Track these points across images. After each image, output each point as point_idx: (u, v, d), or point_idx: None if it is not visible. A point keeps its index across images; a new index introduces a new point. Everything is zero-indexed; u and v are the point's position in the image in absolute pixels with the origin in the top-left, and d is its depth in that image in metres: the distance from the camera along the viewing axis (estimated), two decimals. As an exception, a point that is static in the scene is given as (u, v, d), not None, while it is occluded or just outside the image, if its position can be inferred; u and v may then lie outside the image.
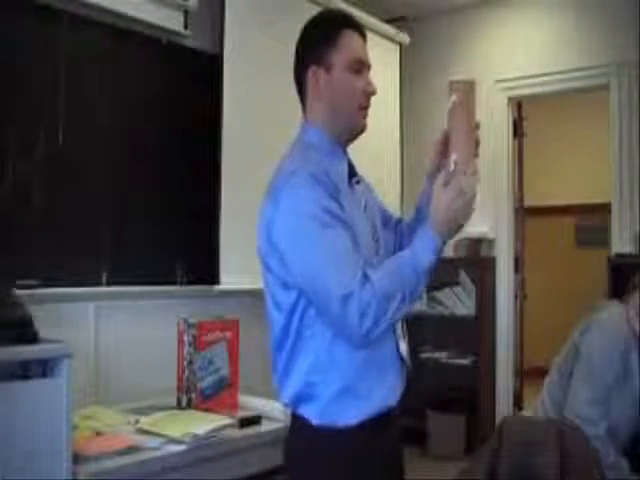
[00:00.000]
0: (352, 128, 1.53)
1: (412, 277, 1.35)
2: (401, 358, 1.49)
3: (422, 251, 1.37)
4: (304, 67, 1.52)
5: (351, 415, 1.40)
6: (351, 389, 1.40)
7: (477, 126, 1.43)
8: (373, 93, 1.52)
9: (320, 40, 1.51)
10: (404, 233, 1.66)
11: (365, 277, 1.32)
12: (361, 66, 1.52)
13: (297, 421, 1.47)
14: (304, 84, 1.54)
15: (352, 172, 1.56)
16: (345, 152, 1.57)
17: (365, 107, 1.52)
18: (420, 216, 1.62)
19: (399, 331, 1.50)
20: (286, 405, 1.48)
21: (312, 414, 1.42)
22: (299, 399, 1.43)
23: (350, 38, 1.52)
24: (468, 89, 1.42)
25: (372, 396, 1.42)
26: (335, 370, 1.40)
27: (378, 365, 1.43)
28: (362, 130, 1.55)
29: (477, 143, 1.43)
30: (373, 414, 1.42)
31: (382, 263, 1.43)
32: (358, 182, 1.56)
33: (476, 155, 1.42)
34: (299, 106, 1.59)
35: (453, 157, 1.38)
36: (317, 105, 1.52)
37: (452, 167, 1.37)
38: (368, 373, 1.42)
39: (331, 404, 1.40)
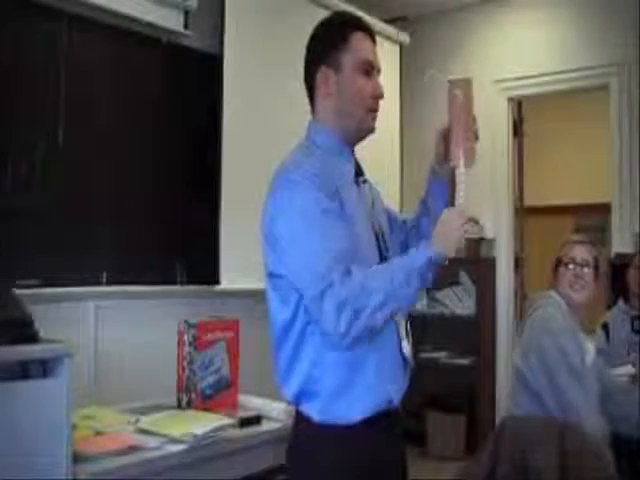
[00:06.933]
0: (360, 129, 1.54)
1: (399, 276, 1.32)
2: (404, 358, 1.50)
3: (415, 253, 1.37)
4: (314, 67, 1.53)
5: (352, 412, 1.41)
6: (352, 387, 1.41)
7: (474, 120, 1.52)
8: (380, 96, 1.52)
9: (331, 41, 1.52)
10: (410, 232, 1.68)
11: (347, 272, 1.31)
12: (371, 68, 1.52)
13: (300, 418, 1.47)
14: (314, 84, 1.54)
15: (359, 171, 1.57)
16: (352, 152, 1.57)
17: (374, 109, 1.53)
18: (423, 208, 1.65)
19: (402, 331, 1.50)
20: (289, 403, 1.49)
21: (314, 411, 1.43)
22: (301, 396, 1.44)
23: (362, 40, 1.52)
24: (466, 87, 1.52)
25: (374, 394, 1.43)
26: (336, 367, 1.40)
27: (380, 364, 1.43)
28: (370, 131, 1.55)
29: (476, 136, 1.53)
30: (375, 412, 1.42)
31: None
32: (364, 182, 1.57)
33: (476, 138, 1.53)
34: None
35: (457, 152, 1.50)
36: (325, 105, 1.53)
37: (460, 161, 1.48)
38: (369, 371, 1.42)
39: (333, 401, 1.41)
